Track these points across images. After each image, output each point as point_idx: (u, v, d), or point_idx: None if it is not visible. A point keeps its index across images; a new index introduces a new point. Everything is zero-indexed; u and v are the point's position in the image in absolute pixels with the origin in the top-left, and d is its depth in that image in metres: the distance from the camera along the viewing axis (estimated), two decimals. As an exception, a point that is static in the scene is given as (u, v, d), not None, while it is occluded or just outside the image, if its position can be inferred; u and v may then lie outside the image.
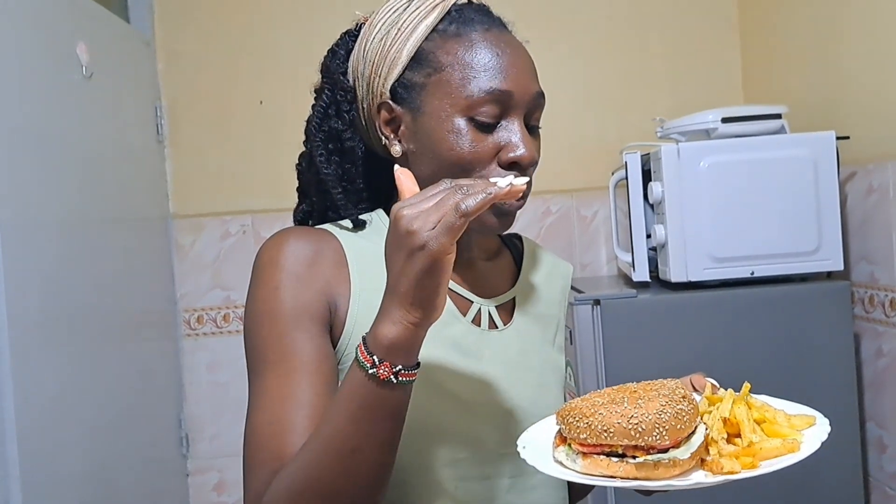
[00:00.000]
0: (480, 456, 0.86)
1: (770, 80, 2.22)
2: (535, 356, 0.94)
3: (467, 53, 0.82)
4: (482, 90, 0.81)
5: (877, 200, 1.64)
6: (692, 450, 0.67)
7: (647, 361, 1.60)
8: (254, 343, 0.82)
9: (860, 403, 1.67)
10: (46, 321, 1.59)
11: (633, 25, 2.38)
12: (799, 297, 1.64)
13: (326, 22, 1.18)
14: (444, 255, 0.66)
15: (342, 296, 0.84)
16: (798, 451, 0.68)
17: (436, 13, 0.84)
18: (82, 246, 1.79)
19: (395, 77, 0.84)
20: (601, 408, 0.69)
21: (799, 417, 0.73)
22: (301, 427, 0.76)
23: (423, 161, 0.84)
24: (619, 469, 0.67)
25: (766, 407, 0.73)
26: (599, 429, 0.67)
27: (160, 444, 2.23)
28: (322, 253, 0.84)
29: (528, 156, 0.82)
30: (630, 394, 0.71)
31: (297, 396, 0.78)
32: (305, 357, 0.80)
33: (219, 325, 2.40)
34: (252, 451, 0.78)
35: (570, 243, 2.39)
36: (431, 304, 0.68)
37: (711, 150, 1.66)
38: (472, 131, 0.81)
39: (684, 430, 0.67)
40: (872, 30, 1.66)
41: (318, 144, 0.90)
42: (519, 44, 0.86)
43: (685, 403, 0.69)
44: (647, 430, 0.66)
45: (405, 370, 0.70)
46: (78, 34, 1.82)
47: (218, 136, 2.40)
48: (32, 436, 1.48)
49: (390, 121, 0.86)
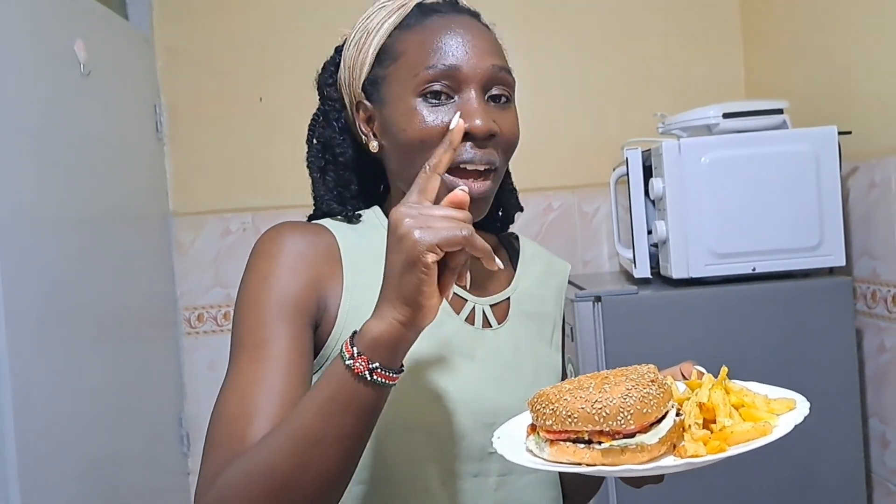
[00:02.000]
0: (468, 454, 0.86)
1: (771, 74, 2.21)
2: (529, 356, 0.93)
3: (420, 38, 0.85)
4: (428, 67, 0.82)
5: (879, 195, 1.63)
6: (661, 434, 0.66)
7: (649, 358, 1.57)
8: (237, 329, 0.83)
9: (862, 399, 1.67)
10: (45, 319, 1.58)
11: (634, 20, 2.37)
12: (801, 293, 1.63)
13: (326, 18, 1.18)
14: (425, 252, 0.65)
15: (333, 291, 0.84)
16: (769, 434, 0.66)
17: (399, 12, 0.88)
18: (81, 244, 1.78)
19: (364, 76, 0.89)
20: (567, 393, 0.68)
21: (779, 401, 0.71)
22: (267, 413, 0.76)
23: (392, 151, 0.87)
24: (585, 456, 0.65)
25: (744, 392, 0.71)
26: (564, 414, 0.66)
27: (161, 442, 2.23)
28: (316, 247, 0.85)
29: (483, 125, 0.81)
30: (601, 380, 0.70)
31: (268, 383, 0.77)
32: (283, 347, 0.79)
33: (219, 324, 2.40)
34: (214, 432, 0.77)
35: (571, 240, 2.38)
36: (417, 303, 0.67)
37: (713, 145, 1.65)
38: (425, 109, 0.83)
39: (651, 414, 0.65)
40: (874, 23, 1.65)
41: (313, 154, 0.94)
42: (476, 24, 0.88)
43: (653, 387, 0.67)
44: (612, 415, 0.64)
45: (382, 370, 0.69)
46: (76, 32, 1.81)
47: (218, 133, 2.39)
48: (31, 435, 1.48)
49: (367, 119, 0.90)
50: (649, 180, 1.70)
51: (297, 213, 1.03)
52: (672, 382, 0.73)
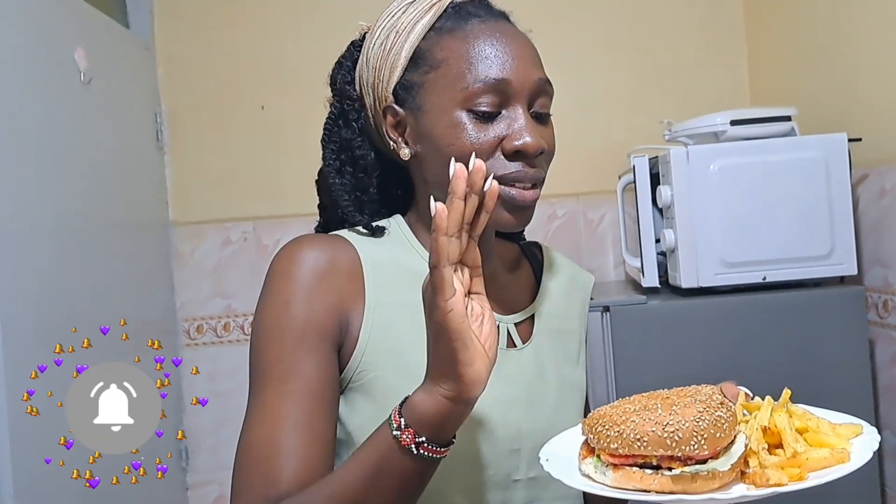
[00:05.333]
0: (493, 482, 0.82)
1: (777, 81, 2.19)
2: (553, 376, 0.89)
3: (462, 46, 0.80)
4: (478, 80, 0.79)
5: (890, 203, 1.61)
6: (732, 461, 0.62)
7: (658, 369, 1.57)
8: (258, 357, 0.79)
9: (875, 411, 1.64)
10: (42, 329, 1.56)
11: (640, 28, 2.36)
12: (812, 303, 1.60)
13: (328, 26, 1.16)
14: (444, 316, 0.62)
15: (356, 311, 0.81)
16: (848, 462, 0.62)
17: (432, 12, 0.83)
18: (80, 253, 1.76)
19: (396, 79, 0.84)
20: (633, 415, 0.64)
21: (844, 426, 0.68)
22: (294, 453, 0.73)
23: (430, 161, 0.83)
24: (654, 482, 0.61)
25: (807, 415, 0.68)
26: (632, 438, 0.62)
27: (159, 456, 2.19)
28: (337, 264, 0.81)
29: (534, 143, 0.79)
30: (663, 400, 0.66)
31: (294, 419, 0.75)
32: (307, 379, 0.76)
33: (219, 335, 2.37)
34: (242, 472, 0.75)
35: (576, 248, 2.36)
36: (456, 374, 0.64)
37: (721, 152, 1.62)
38: (471, 123, 0.79)
39: (723, 438, 0.62)
40: (882, 29, 1.63)
41: (329, 155, 0.89)
42: (518, 32, 0.84)
43: (723, 410, 0.64)
44: (685, 439, 0.60)
45: (430, 444, 0.66)
46: (76, 39, 1.79)
47: (218, 141, 2.37)
48: (27, 448, 1.45)
49: (396, 124, 0.85)
50: (656, 188, 1.68)
51: (299, 221, 1.00)
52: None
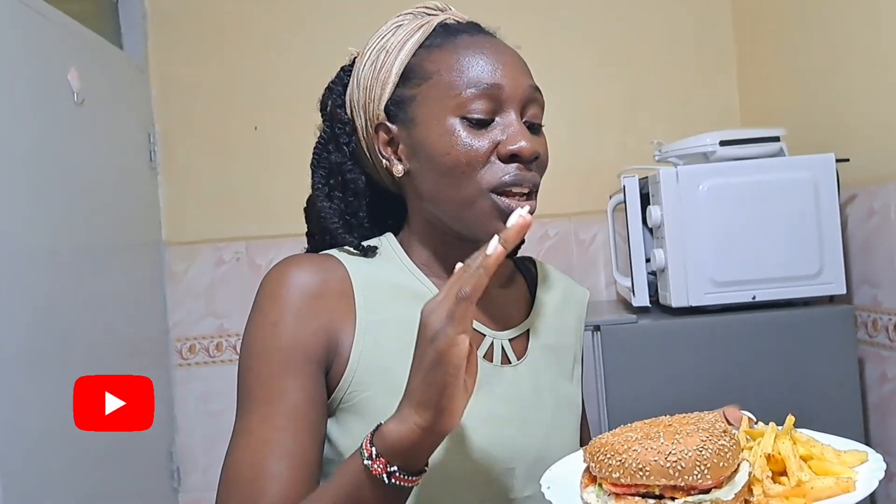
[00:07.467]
0: (489, 502, 0.82)
1: (766, 102, 2.22)
2: (548, 393, 0.89)
3: (452, 57, 0.81)
4: (470, 86, 0.79)
5: (878, 222, 1.62)
6: (736, 490, 0.61)
7: (649, 388, 1.57)
8: (245, 379, 0.79)
9: (865, 429, 1.64)
10: (34, 349, 1.55)
11: (629, 49, 2.38)
12: (801, 322, 1.61)
13: (320, 47, 1.16)
14: (450, 348, 0.62)
15: (346, 332, 0.80)
16: (854, 491, 0.61)
17: (421, 31, 0.84)
18: (72, 273, 1.76)
19: (387, 96, 0.84)
20: (635, 443, 0.63)
21: (849, 454, 0.67)
22: (278, 476, 0.73)
23: (425, 174, 0.83)
24: None
25: (812, 442, 0.67)
26: (634, 467, 0.61)
27: (151, 477, 2.18)
28: (326, 284, 0.81)
29: (529, 147, 0.79)
30: (665, 428, 0.65)
31: (279, 442, 0.75)
32: (293, 402, 0.76)
33: (211, 355, 2.36)
34: (225, 494, 0.75)
35: (568, 268, 2.36)
36: (439, 406, 0.64)
37: (710, 173, 1.64)
38: (465, 130, 0.79)
39: (727, 468, 0.61)
40: (869, 51, 1.65)
41: (318, 180, 0.89)
42: (504, 44, 0.85)
43: (727, 438, 0.63)
44: (688, 469, 0.60)
45: (401, 474, 0.66)
46: (70, 60, 1.80)
47: (212, 162, 2.38)
48: (18, 469, 1.44)
49: (389, 142, 0.85)
50: (647, 208, 1.69)
51: (292, 241, 1.00)
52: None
